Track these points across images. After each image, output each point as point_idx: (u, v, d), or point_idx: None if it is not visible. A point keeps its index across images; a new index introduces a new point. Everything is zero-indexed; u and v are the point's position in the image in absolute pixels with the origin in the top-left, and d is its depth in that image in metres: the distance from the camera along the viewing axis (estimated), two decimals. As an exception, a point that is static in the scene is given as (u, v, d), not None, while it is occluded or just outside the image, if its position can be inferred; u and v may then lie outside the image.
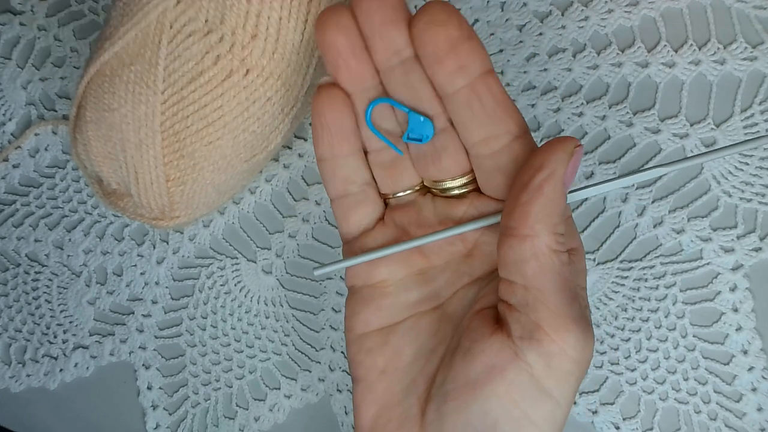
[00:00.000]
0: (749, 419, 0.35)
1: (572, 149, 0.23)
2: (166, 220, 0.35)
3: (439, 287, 0.28)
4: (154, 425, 0.40)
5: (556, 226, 0.24)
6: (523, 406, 0.24)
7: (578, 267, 0.26)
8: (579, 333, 0.23)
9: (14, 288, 0.43)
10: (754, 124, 0.36)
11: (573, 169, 0.24)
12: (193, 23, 0.31)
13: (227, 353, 0.40)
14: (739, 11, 0.37)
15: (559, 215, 0.24)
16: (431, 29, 0.24)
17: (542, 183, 0.23)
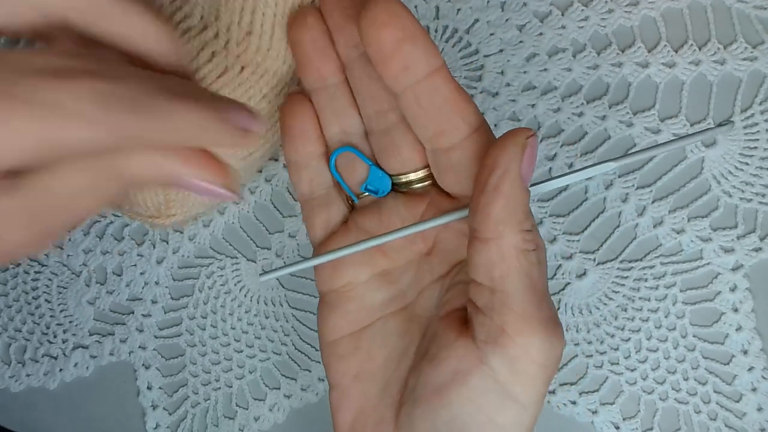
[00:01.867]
0: (749, 419, 0.35)
1: (524, 141, 0.23)
2: (162, 218, 0.35)
3: (404, 287, 0.28)
4: (154, 425, 0.40)
5: (522, 223, 0.23)
6: (489, 411, 0.23)
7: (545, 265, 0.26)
8: (545, 336, 0.23)
9: (14, 287, 0.43)
10: (755, 124, 0.36)
11: (529, 161, 0.23)
12: (189, 20, 0.31)
13: (227, 353, 0.40)
14: (740, 11, 0.37)
15: (523, 212, 0.23)
16: (374, 30, 0.23)
17: (498, 182, 0.23)
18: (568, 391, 0.36)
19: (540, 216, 0.38)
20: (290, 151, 0.30)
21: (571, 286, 0.37)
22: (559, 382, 0.37)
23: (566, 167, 0.38)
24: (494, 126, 0.39)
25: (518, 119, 0.39)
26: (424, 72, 0.24)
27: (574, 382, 0.37)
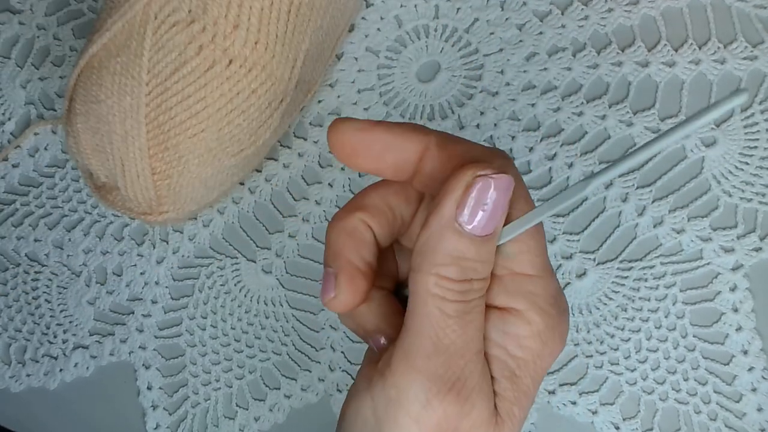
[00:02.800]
0: (749, 419, 0.35)
1: (470, 180, 0.20)
2: (154, 214, 0.35)
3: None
4: (154, 425, 0.40)
5: (439, 267, 0.20)
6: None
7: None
8: (423, 392, 0.21)
9: (14, 288, 0.43)
10: (755, 123, 0.36)
11: (475, 203, 0.20)
12: (177, 13, 0.31)
13: (227, 353, 0.40)
14: (740, 10, 0.37)
15: (446, 256, 0.20)
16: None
17: (429, 215, 0.21)
18: (568, 391, 0.36)
19: (540, 216, 0.38)
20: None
21: (571, 286, 0.37)
22: (559, 383, 0.37)
23: (566, 167, 0.38)
24: (494, 125, 0.39)
25: (518, 118, 0.39)
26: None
27: (574, 382, 0.37)
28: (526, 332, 0.22)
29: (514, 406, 0.22)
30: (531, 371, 0.22)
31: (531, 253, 0.22)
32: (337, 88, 0.41)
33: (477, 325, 0.21)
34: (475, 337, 0.21)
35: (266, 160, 0.42)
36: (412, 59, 0.41)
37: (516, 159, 0.39)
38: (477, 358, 0.21)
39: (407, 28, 0.41)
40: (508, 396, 0.22)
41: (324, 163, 0.41)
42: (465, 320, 0.21)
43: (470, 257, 0.21)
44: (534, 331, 0.22)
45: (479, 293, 0.21)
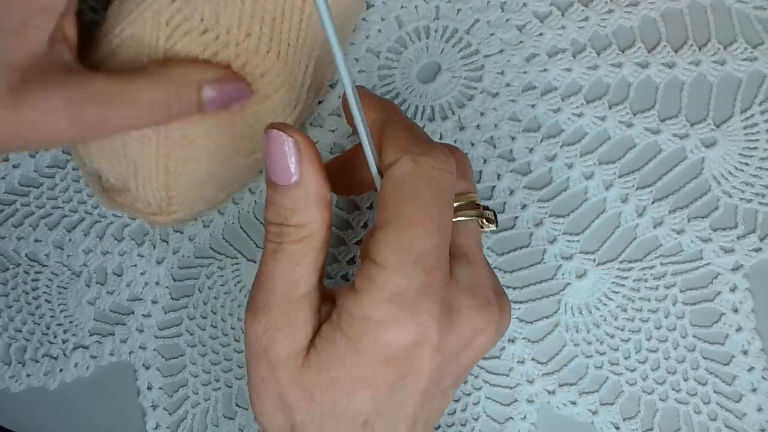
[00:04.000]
0: (749, 419, 0.35)
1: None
2: (163, 215, 0.35)
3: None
4: (154, 425, 0.40)
5: (265, 212, 0.27)
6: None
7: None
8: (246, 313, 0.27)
9: (14, 288, 0.43)
10: (755, 124, 0.36)
11: (269, 157, 0.25)
12: (189, 22, 0.31)
13: (227, 353, 0.40)
14: (740, 11, 0.37)
15: (267, 203, 0.27)
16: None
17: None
18: (568, 391, 0.36)
19: (540, 216, 0.38)
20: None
21: (571, 286, 0.37)
22: (559, 383, 0.37)
23: (566, 168, 0.38)
24: (494, 126, 0.39)
25: (518, 119, 0.39)
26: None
27: (574, 382, 0.37)
28: (355, 312, 0.24)
29: (323, 364, 0.25)
30: (351, 348, 0.25)
31: (384, 243, 0.24)
32: (338, 88, 0.42)
33: (284, 267, 0.25)
34: (281, 277, 0.26)
35: (267, 160, 0.42)
36: (413, 60, 0.41)
37: (516, 160, 0.39)
38: (283, 296, 0.25)
39: (408, 29, 0.41)
40: (321, 355, 0.25)
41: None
42: (274, 258, 0.26)
43: (276, 203, 0.26)
44: (361, 314, 0.24)
45: (290, 237, 0.25)
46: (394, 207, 0.24)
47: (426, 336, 0.24)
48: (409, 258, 0.24)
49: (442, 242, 0.25)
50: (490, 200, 0.39)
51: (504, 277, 0.38)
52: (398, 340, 0.24)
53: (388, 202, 0.24)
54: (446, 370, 0.26)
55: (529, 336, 0.37)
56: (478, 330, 0.26)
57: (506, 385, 0.37)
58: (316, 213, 0.26)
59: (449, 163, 0.25)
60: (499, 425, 0.37)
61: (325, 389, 0.25)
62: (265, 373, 0.26)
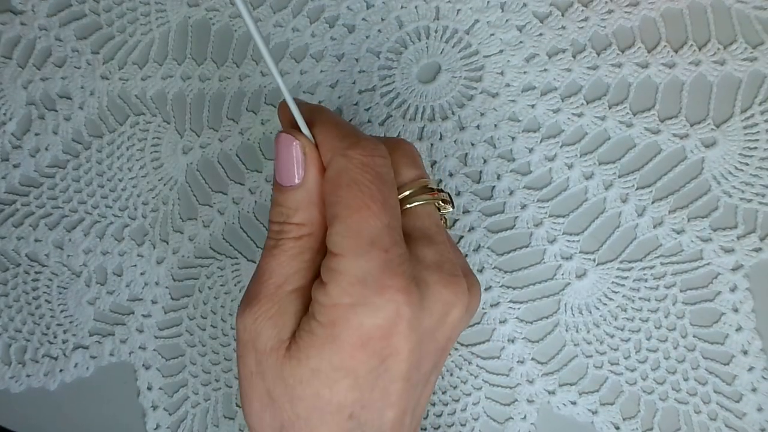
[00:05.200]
0: (749, 419, 0.35)
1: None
2: None
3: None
4: (154, 426, 0.40)
5: (270, 212, 0.28)
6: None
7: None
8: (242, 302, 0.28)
9: (14, 288, 0.43)
10: (755, 124, 0.36)
11: (276, 159, 0.27)
12: None
13: (227, 353, 0.40)
14: (739, 12, 0.37)
15: (273, 202, 0.27)
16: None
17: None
18: (568, 391, 0.36)
19: (540, 216, 0.38)
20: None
21: (571, 286, 0.37)
22: (559, 383, 0.37)
23: (566, 168, 0.38)
24: (494, 126, 0.39)
25: (518, 120, 0.39)
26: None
27: (574, 382, 0.37)
28: (325, 302, 0.25)
29: (302, 354, 0.25)
30: (328, 335, 0.25)
31: (337, 234, 0.25)
32: (338, 88, 0.42)
33: (280, 261, 0.26)
34: (276, 270, 0.26)
35: (267, 160, 0.42)
36: (413, 60, 0.41)
37: (516, 160, 0.39)
38: (275, 288, 0.26)
39: (408, 29, 0.41)
40: (301, 345, 0.25)
41: (324, 164, 0.41)
42: (271, 253, 0.27)
43: (280, 203, 0.27)
44: (332, 302, 0.25)
45: (290, 234, 0.27)
46: (336, 200, 0.25)
47: (398, 311, 0.24)
48: (363, 240, 0.24)
49: (391, 221, 0.25)
50: (490, 200, 0.39)
51: (504, 277, 0.38)
52: (371, 319, 0.24)
53: (331, 199, 0.26)
54: (425, 350, 0.26)
55: (529, 336, 0.37)
56: (448, 303, 0.26)
57: (506, 385, 0.37)
58: (316, 213, 0.27)
59: (379, 149, 0.26)
60: (499, 425, 0.37)
61: (306, 382, 0.25)
62: (253, 366, 0.26)
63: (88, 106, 0.44)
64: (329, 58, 0.42)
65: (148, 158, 0.43)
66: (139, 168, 0.43)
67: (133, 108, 0.44)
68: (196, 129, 0.43)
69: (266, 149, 0.42)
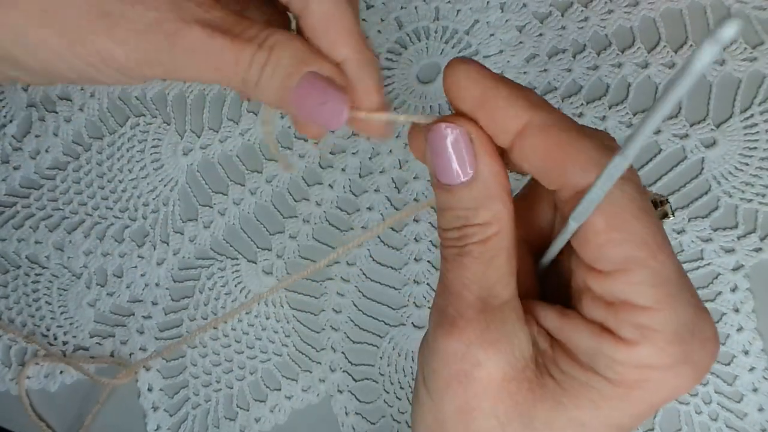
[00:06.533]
0: (750, 419, 0.34)
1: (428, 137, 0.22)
2: None
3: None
4: (154, 427, 0.40)
5: (438, 220, 0.23)
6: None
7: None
8: (432, 321, 0.23)
9: (15, 290, 0.43)
10: (754, 124, 0.36)
11: (436, 157, 0.22)
12: None
13: (228, 354, 0.40)
14: (739, 12, 0.37)
15: (438, 209, 0.23)
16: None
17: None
18: (569, 391, 0.36)
19: (540, 217, 0.38)
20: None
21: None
22: (559, 383, 0.37)
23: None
24: (494, 127, 0.39)
25: (518, 120, 0.39)
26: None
27: (575, 382, 0.36)
28: (626, 361, 0.20)
29: (569, 401, 0.21)
30: (615, 395, 0.21)
31: (641, 283, 0.20)
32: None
33: (474, 270, 0.22)
34: (473, 282, 0.22)
35: (267, 161, 0.42)
36: (413, 61, 0.41)
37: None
38: (482, 304, 0.22)
39: (408, 29, 0.42)
40: (568, 390, 0.21)
41: (324, 164, 0.41)
42: (460, 263, 0.22)
43: (452, 206, 0.22)
44: (638, 364, 0.20)
45: (475, 238, 0.22)
46: (628, 238, 0.20)
47: (709, 364, 0.21)
48: (673, 287, 0.20)
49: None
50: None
51: (504, 277, 0.38)
52: (688, 380, 0.20)
53: (618, 236, 0.20)
54: None
55: (530, 336, 0.37)
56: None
57: (507, 386, 0.37)
58: (500, 206, 0.22)
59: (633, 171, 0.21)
60: (499, 426, 0.37)
61: (560, 429, 0.21)
62: (470, 402, 0.22)
63: (88, 107, 0.44)
64: (329, 59, 0.42)
65: (148, 159, 0.43)
66: (139, 169, 0.43)
67: (134, 109, 0.44)
68: (196, 130, 0.43)
69: (266, 150, 0.42)
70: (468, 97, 0.21)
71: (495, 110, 0.21)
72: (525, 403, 0.21)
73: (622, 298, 0.20)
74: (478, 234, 0.22)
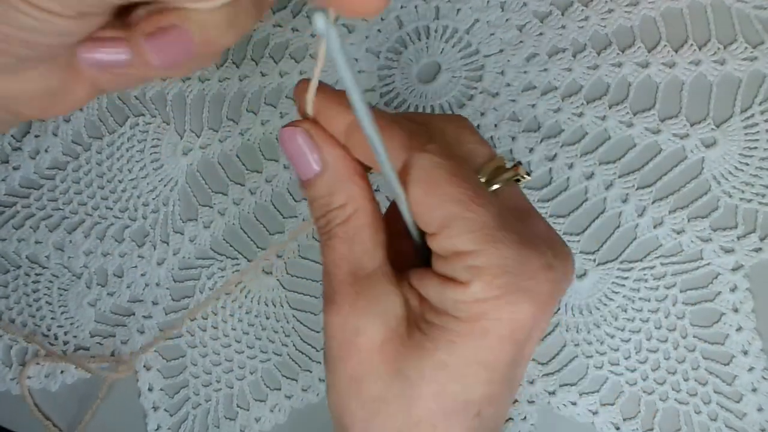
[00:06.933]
0: (750, 420, 0.35)
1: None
2: None
3: None
4: (155, 426, 0.40)
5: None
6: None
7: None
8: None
9: (15, 290, 0.43)
10: (755, 124, 0.36)
11: (288, 155, 0.25)
12: None
13: (228, 354, 0.40)
14: (740, 11, 0.37)
15: (309, 203, 0.26)
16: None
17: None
18: (568, 391, 0.36)
19: (540, 217, 0.38)
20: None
21: (571, 286, 0.37)
22: (559, 383, 0.37)
23: (566, 168, 0.38)
24: (494, 126, 0.39)
25: (518, 119, 0.39)
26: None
27: (574, 382, 0.37)
28: (465, 298, 0.23)
29: (429, 343, 0.23)
30: (465, 329, 0.23)
31: (460, 235, 0.23)
32: (338, 88, 0.41)
33: (341, 249, 0.25)
34: (341, 260, 0.25)
35: (267, 161, 0.42)
36: (413, 60, 0.41)
37: (516, 160, 0.39)
38: (352, 277, 0.24)
39: (408, 29, 0.41)
40: (428, 335, 0.23)
41: (324, 165, 0.41)
42: (329, 246, 0.25)
43: (314, 197, 0.25)
44: (474, 299, 0.23)
45: (337, 220, 0.25)
46: (441, 199, 0.23)
47: (551, 291, 0.23)
48: (492, 229, 0.23)
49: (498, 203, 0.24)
50: (490, 201, 0.39)
51: (504, 277, 0.38)
52: (526, 306, 0.23)
53: (433, 200, 0.23)
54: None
55: (530, 336, 0.37)
56: (570, 273, 0.25)
57: (507, 386, 0.37)
58: (353, 187, 0.25)
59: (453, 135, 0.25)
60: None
61: (430, 377, 0.23)
62: (357, 368, 0.24)
63: (87, 107, 0.44)
64: (329, 58, 0.42)
65: (147, 159, 0.43)
66: (139, 169, 0.43)
67: (133, 109, 0.44)
68: (196, 130, 0.43)
69: (266, 150, 0.42)
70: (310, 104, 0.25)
71: (327, 114, 0.25)
72: (400, 358, 0.24)
73: (452, 250, 0.23)
74: (339, 216, 0.25)
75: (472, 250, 0.22)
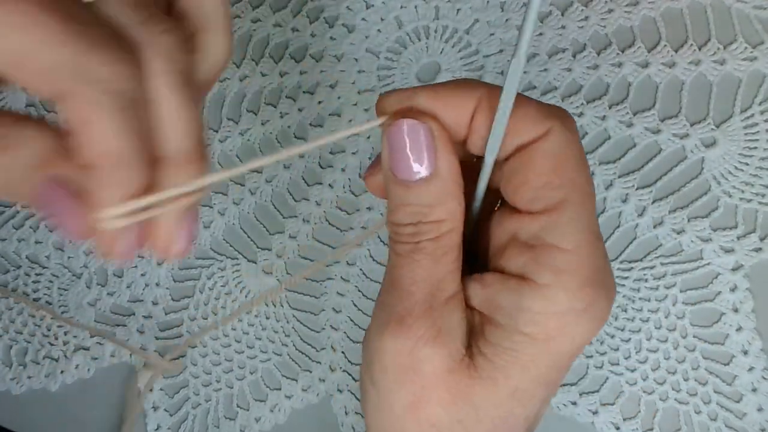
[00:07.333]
0: (749, 419, 0.35)
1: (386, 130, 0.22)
2: None
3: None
4: (155, 426, 0.40)
5: (390, 214, 0.22)
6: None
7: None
8: (376, 318, 0.23)
9: (15, 290, 0.43)
10: (755, 124, 0.36)
11: (394, 151, 0.22)
12: None
13: (228, 354, 0.40)
14: (739, 11, 0.37)
15: (392, 204, 0.22)
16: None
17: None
18: (569, 391, 0.37)
19: (540, 216, 0.38)
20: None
21: (571, 286, 0.37)
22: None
23: (566, 168, 0.38)
24: (494, 126, 0.39)
25: (518, 120, 0.39)
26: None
27: (575, 382, 0.37)
28: (543, 309, 0.20)
29: (500, 373, 0.21)
30: (539, 351, 0.21)
31: (567, 225, 0.20)
32: (338, 89, 0.42)
33: (425, 266, 0.22)
34: (423, 278, 0.22)
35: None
36: (413, 60, 0.41)
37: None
38: (430, 300, 0.22)
39: (407, 29, 0.41)
40: (497, 363, 0.21)
41: (324, 164, 0.41)
42: (412, 259, 0.22)
43: (410, 202, 0.22)
44: (554, 310, 0.20)
45: (429, 235, 0.22)
46: (564, 183, 0.21)
47: (609, 311, 0.22)
48: (593, 233, 0.21)
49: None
50: (490, 201, 0.39)
51: (504, 277, 0.38)
52: (596, 324, 0.21)
53: (556, 181, 0.21)
54: None
55: (530, 336, 0.37)
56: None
57: (507, 386, 0.37)
58: (455, 204, 0.22)
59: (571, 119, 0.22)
60: (499, 425, 0.37)
61: (502, 404, 0.22)
62: (419, 393, 0.22)
63: (87, 107, 0.44)
64: (329, 58, 0.42)
65: (147, 159, 0.43)
66: (139, 169, 0.43)
67: (133, 109, 0.44)
68: (196, 130, 0.43)
69: (266, 150, 0.42)
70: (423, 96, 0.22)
71: (441, 109, 0.22)
72: (466, 389, 0.22)
73: (545, 240, 0.21)
74: (432, 231, 0.22)
75: (569, 249, 0.20)
